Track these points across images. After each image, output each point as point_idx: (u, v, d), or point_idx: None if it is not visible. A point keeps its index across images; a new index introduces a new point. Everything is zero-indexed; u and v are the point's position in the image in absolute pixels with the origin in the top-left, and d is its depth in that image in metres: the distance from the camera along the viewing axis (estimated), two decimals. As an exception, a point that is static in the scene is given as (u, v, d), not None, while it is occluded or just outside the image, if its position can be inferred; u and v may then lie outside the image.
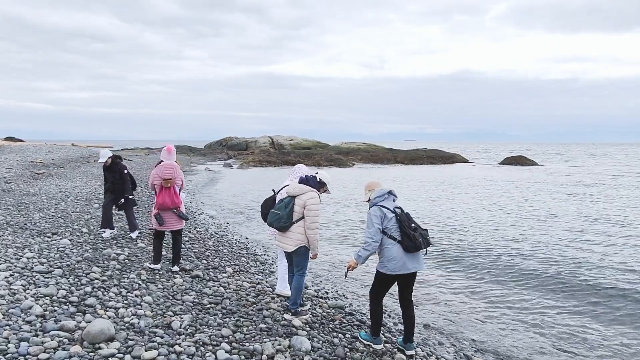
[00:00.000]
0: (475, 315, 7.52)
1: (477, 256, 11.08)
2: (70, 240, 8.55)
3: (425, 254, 5.37)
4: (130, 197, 9.43)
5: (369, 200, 5.47)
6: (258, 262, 9.44)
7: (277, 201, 6.22)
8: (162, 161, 7.32)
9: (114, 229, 9.50)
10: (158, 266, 7.39)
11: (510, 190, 25.89)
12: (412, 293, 5.43)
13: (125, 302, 5.76)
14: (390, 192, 5.41)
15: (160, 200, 7.11)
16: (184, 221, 7.47)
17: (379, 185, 5.54)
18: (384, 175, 36.18)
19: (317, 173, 6.12)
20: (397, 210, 5.26)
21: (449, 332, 6.81)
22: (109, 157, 9.23)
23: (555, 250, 11.67)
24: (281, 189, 6.56)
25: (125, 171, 9.34)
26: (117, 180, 9.24)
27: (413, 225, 5.20)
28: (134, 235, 9.51)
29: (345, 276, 5.67)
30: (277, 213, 5.90)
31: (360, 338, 5.67)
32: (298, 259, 5.96)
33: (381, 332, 5.76)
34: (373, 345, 5.51)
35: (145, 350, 4.46)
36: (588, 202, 20.67)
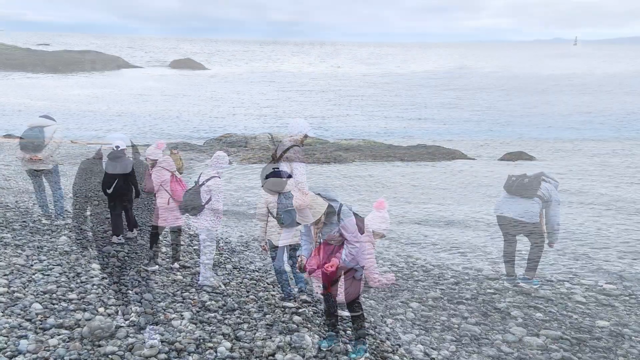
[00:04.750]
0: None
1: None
2: (69, 237, 8.52)
3: None
4: None
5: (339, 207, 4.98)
6: (258, 259, 9.41)
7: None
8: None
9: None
10: (155, 267, 7.32)
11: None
12: None
13: (125, 299, 5.74)
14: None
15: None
16: (183, 218, 7.46)
17: (320, 198, 4.94)
18: (389, 175, 36.01)
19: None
20: None
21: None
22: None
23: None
24: (206, 181, 6.68)
25: None
26: None
27: None
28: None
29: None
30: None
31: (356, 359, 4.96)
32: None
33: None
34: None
35: (146, 348, 4.44)
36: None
